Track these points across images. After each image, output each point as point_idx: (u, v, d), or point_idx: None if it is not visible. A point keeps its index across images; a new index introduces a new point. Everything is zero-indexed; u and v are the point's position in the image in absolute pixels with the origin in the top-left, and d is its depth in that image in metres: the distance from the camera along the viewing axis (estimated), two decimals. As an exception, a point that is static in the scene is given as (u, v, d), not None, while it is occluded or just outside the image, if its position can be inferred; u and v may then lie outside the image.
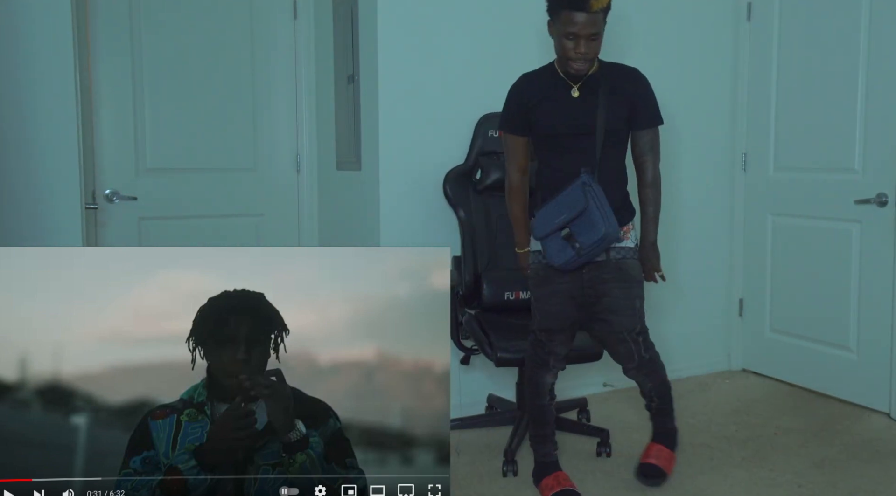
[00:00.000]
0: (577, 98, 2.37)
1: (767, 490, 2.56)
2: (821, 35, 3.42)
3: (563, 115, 2.37)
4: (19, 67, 2.88)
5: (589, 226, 2.27)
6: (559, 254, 2.33)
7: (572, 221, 2.30)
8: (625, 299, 2.41)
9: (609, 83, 2.37)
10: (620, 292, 2.41)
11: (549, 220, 2.34)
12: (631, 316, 2.43)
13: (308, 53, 3.64)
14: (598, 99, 2.34)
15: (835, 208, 3.39)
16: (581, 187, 2.29)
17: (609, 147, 2.38)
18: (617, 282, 2.41)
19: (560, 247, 2.33)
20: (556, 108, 2.37)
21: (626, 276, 2.42)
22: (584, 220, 2.28)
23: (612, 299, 2.40)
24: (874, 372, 3.26)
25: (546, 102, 2.38)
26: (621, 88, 2.39)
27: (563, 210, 2.31)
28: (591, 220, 2.27)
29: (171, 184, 3.48)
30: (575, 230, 2.30)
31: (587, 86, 2.38)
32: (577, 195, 2.29)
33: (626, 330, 2.43)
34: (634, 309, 2.43)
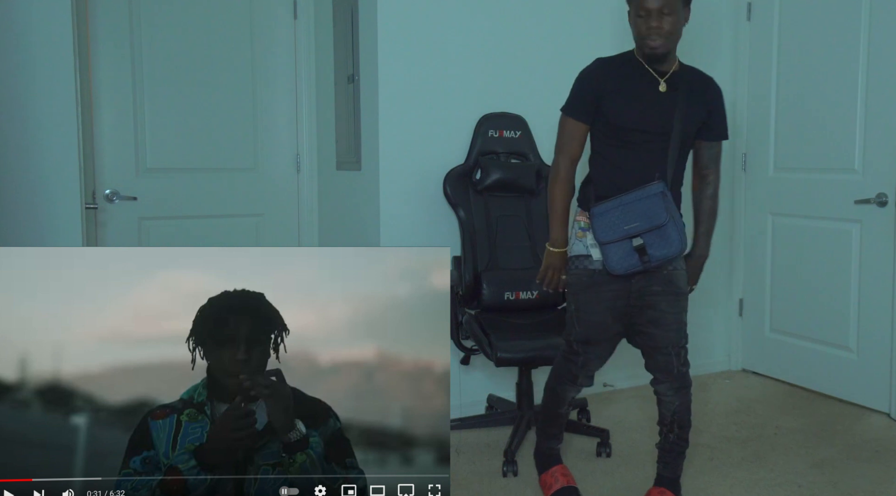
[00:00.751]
0: (663, 93, 2.22)
1: (767, 490, 2.56)
2: (821, 35, 3.42)
3: (644, 109, 2.21)
4: (19, 67, 2.88)
5: (664, 240, 2.16)
6: (622, 260, 2.19)
7: (646, 233, 2.17)
8: (672, 313, 2.28)
9: (689, 85, 2.25)
10: (668, 306, 2.27)
11: (617, 226, 2.19)
12: (677, 330, 2.30)
13: (308, 53, 3.64)
14: (679, 99, 2.21)
15: (835, 208, 3.39)
16: (661, 198, 2.16)
17: (682, 150, 2.26)
18: (666, 296, 2.27)
19: (626, 254, 2.19)
20: (636, 101, 2.22)
21: (675, 289, 2.29)
22: (661, 234, 2.16)
23: (659, 313, 2.27)
24: (874, 372, 3.26)
25: (625, 92, 2.23)
26: (700, 93, 2.27)
27: (635, 218, 2.17)
28: (668, 236, 2.16)
29: (171, 184, 3.48)
30: (648, 242, 2.17)
31: (670, 83, 2.24)
32: (655, 206, 2.16)
33: (672, 344, 2.29)
34: (681, 323, 2.31)
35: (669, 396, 2.35)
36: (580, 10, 3.38)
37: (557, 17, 3.31)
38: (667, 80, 2.23)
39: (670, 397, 2.35)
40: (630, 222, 2.17)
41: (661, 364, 2.31)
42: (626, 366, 3.01)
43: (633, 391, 2.76)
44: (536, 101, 3.21)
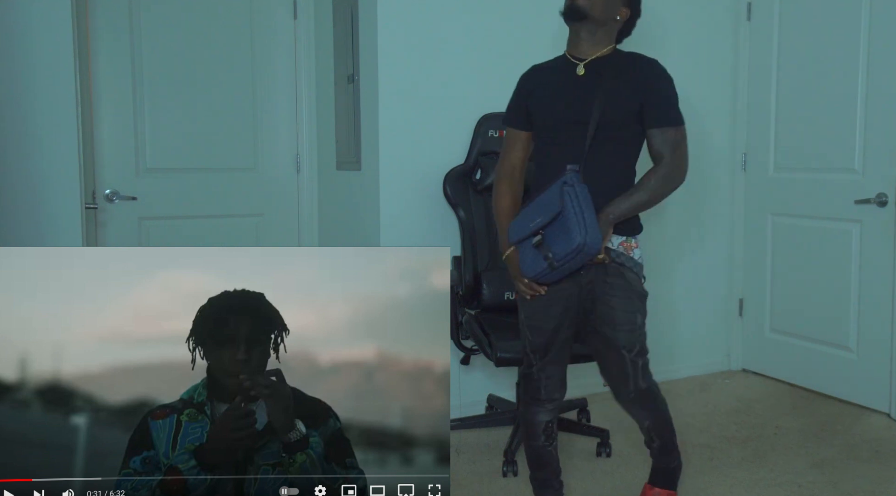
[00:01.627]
0: (581, 78, 2.05)
1: (767, 490, 2.56)
2: (821, 35, 3.42)
3: (560, 100, 2.08)
4: (19, 68, 2.88)
5: (563, 233, 1.93)
6: (532, 264, 2.01)
7: (546, 226, 1.96)
8: (624, 311, 2.09)
9: (617, 68, 2.06)
10: (621, 302, 2.08)
11: (524, 224, 2.03)
12: (630, 331, 2.10)
13: (308, 53, 3.64)
14: (603, 81, 2.03)
15: (835, 208, 3.39)
16: (559, 187, 1.95)
17: (603, 140, 2.03)
18: (619, 290, 2.08)
19: (533, 256, 2.00)
20: (554, 93, 2.09)
21: (625, 284, 2.09)
22: (559, 226, 1.94)
23: (611, 309, 2.08)
24: (874, 372, 3.26)
25: (546, 88, 2.12)
26: (630, 76, 2.06)
27: (539, 213, 1.99)
28: (566, 227, 1.92)
29: (171, 184, 3.48)
30: (548, 237, 1.96)
31: (593, 67, 2.07)
32: (553, 194, 1.96)
33: (624, 346, 2.10)
34: (634, 324, 2.11)
35: (636, 413, 2.21)
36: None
37: (558, 17, 3.31)
38: (588, 64, 2.07)
39: (637, 414, 2.21)
40: (533, 218, 2.00)
41: (616, 374, 2.14)
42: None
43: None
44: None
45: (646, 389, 2.16)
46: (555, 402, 2.21)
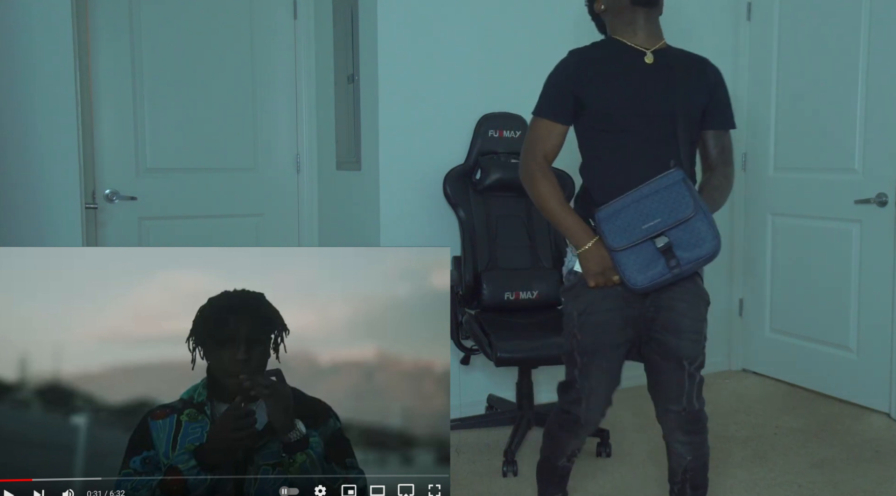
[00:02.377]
0: (651, 67, 1.85)
1: (767, 490, 2.56)
2: (821, 35, 3.42)
3: (634, 88, 1.84)
4: (19, 67, 2.88)
5: (694, 237, 1.74)
6: (644, 270, 1.76)
7: (671, 229, 1.74)
8: (691, 319, 1.86)
9: (682, 62, 1.89)
10: (687, 308, 1.86)
11: (633, 226, 1.76)
12: (695, 341, 1.87)
13: (308, 53, 3.64)
14: (676, 73, 1.84)
15: (835, 208, 3.39)
16: (684, 185, 1.75)
17: (687, 138, 1.86)
18: (686, 297, 1.86)
19: (647, 260, 1.76)
20: (622, 80, 1.85)
21: (695, 290, 1.88)
22: (688, 229, 1.74)
23: (677, 314, 1.85)
24: (874, 372, 3.26)
25: (608, 74, 1.86)
26: (697, 72, 1.90)
27: (655, 211, 1.75)
28: (698, 231, 1.73)
29: (171, 184, 3.48)
30: (675, 241, 1.74)
31: (661, 56, 1.88)
32: (679, 194, 1.74)
33: (686, 357, 1.86)
34: (701, 333, 1.88)
35: (679, 440, 1.92)
36: (581, 9, 3.37)
37: (558, 17, 3.31)
38: (654, 51, 1.89)
39: (682, 444, 1.93)
40: (649, 219, 1.75)
41: (671, 385, 1.89)
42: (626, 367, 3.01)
43: (632, 391, 2.74)
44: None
45: (698, 410, 1.91)
46: (594, 427, 2.00)
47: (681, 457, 1.94)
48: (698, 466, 1.95)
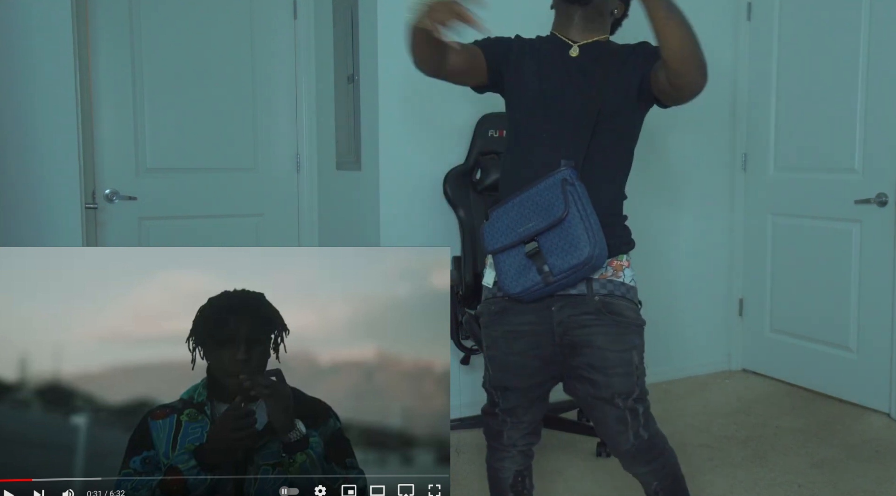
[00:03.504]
0: (575, 60, 1.76)
1: (767, 490, 2.56)
2: (821, 35, 3.43)
3: (548, 81, 1.76)
4: (19, 67, 2.89)
5: (567, 242, 1.62)
6: (517, 277, 1.68)
7: (543, 233, 1.64)
8: (616, 351, 1.71)
9: (615, 53, 1.78)
10: (609, 340, 1.71)
11: (510, 228, 1.69)
12: (625, 375, 1.72)
13: (308, 53, 3.64)
14: (600, 67, 1.74)
15: (835, 208, 3.39)
16: (560, 185, 1.64)
17: (603, 134, 1.73)
18: (604, 327, 1.71)
19: (520, 267, 1.67)
20: (540, 71, 1.78)
21: (617, 319, 1.72)
22: (561, 234, 1.62)
23: (597, 350, 1.71)
24: (874, 372, 3.26)
25: (529, 59, 1.80)
26: (627, 57, 1.77)
27: (531, 214, 1.66)
28: (571, 235, 1.61)
29: (171, 184, 3.48)
30: (545, 246, 1.64)
31: (589, 51, 1.78)
32: (553, 195, 1.64)
33: (619, 393, 1.72)
34: (630, 364, 1.72)
35: (640, 472, 1.81)
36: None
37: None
38: (583, 47, 1.79)
39: (643, 475, 1.81)
40: (524, 223, 1.66)
41: (611, 427, 1.75)
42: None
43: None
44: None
45: (648, 440, 1.77)
46: (518, 451, 1.85)
47: (647, 484, 1.84)
48: (668, 485, 1.84)
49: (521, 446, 1.85)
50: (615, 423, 1.74)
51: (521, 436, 1.84)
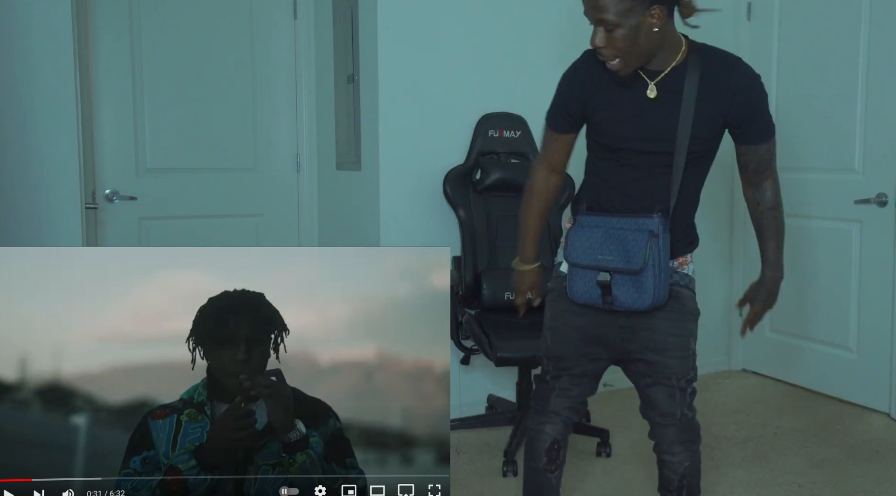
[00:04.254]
0: (654, 100, 1.76)
1: (767, 490, 2.56)
2: (821, 35, 3.42)
3: (633, 124, 1.77)
4: (19, 67, 2.88)
5: (636, 288, 1.76)
6: (584, 292, 1.81)
7: (618, 272, 1.77)
8: (676, 335, 1.84)
9: (698, 82, 1.75)
10: (670, 325, 1.84)
11: (591, 251, 1.80)
12: (683, 358, 1.85)
13: (308, 53, 3.64)
14: (681, 106, 1.74)
15: (835, 208, 3.39)
16: (648, 238, 1.75)
17: (689, 169, 1.81)
18: (666, 313, 1.83)
19: (589, 286, 1.80)
20: (622, 113, 1.78)
21: (678, 306, 1.86)
22: (633, 280, 1.76)
23: (658, 334, 1.83)
24: (874, 372, 3.26)
25: (609, 103, 1.79)
26: (716, 90, 1.76)
27: (613, 249, 1.77)
28: (642, 285, 1.76)
29: (171, 184, 3.48)
30: (616, 281, 1.77)
31: (667, 84, 1.76)
32: (638, 244, 1.75)
33: (675, 374, 1.85)
34: (688, 349, 1.87)
35: (676, 452, 1.90)
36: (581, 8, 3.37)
37: (558, 16, 3.31)
38: (661, 81, 1.76)
39: (677, 454, 1.90)
40: (606, 252, 1.78)
41: (661, 402, 1.86)
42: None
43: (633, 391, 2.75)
44: (536, 101, 3.20)
45: (692, 419, 1.90)
46: (560, 418, 1.94)
47: (678, 464, 1.91)
48: (695, 472, 1.94)
49: (564, 416, 1.93)
50: (667, 399, 1.86)
51: (565, 407, 1.93)
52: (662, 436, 1.89)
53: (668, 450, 1.90)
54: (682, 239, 1.90)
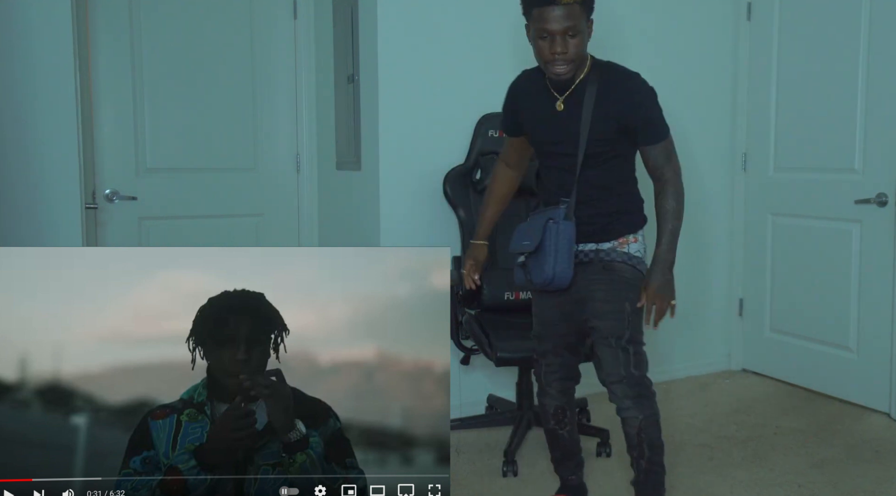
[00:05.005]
0: (562, 112, 2.10)
1: (767, 490, 2.56)
2: (821, 35, 3.42)
3: (546, 129, 2.15)
4: (19, 67, 2.88)
5: (539, 265, 2.12)
6: (517, 275, 2.22)
7: (531, 255, 2.15)
8: (610, 301, 2.12)
9: (597, 93, 2.07)
10: (605, 294, 2.13)
11: (519, 239, 2.20)
12: (617, 320, 2.11)
13: (308, 53, 3.64)
14: (581, 114, 2.07)
15: (835, 208, 3.39)
16: (544, 224, 2.12)
17: (594, 165, 2.11)
18: (603, 284, 2.14)
19: (517, 267, 2.20)
20: (539, 120, 2.17)
21: (613, 277, 2.14)
22: (538, 259, 2.12)
23: (596, 302, 2.14)
24: (874, 372, 3.26)
25: (530, 113, 2.19)
26: (611, 100, 2.07)
27: (529, 236, 2.16)
28: (542, 260, 2.11)
29: (171, 184, 3.48)
30: (528, 263, 2.16)
31: (574, 96, 2.09)
32: (537, 230, 2.13)
33: (612, 333, 2.11)
34: (622, 312, 2.11)
35: (628, 406, 2.10)
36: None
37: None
38: (570, 93, 2.09)
39: (630, 409, 2.11)
40: (525, 239, 2.17)
41: (606, 359, 2.11)
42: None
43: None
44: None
45: (639, 377, 2.11)
46: (555, 389, 2.30)
47: (633, 418, 2.12)
48: (651, 424, 2.13)
49: (558, 387, 2.30)
50: (611, 359, 2.12)
51: (557, 379, 2.29)
52: (614, 394, 2.13)
53: (621, 405, 2.13)
54: (614, 224, 2.17)
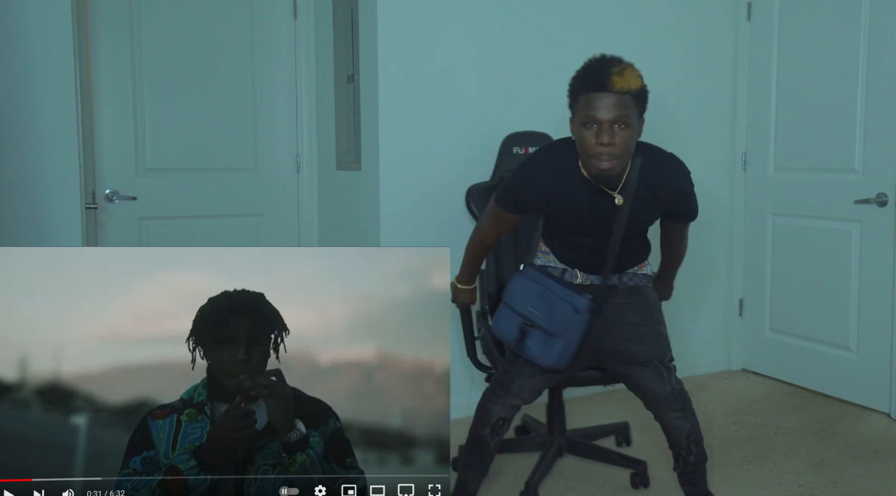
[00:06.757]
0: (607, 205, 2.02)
1: (767, 490, 2.56)
2: (821, 35, 3.42)
3: (580, 220, 2.06)
4: (19, 67, 2.88)
5: (545, 346, 2.04)
6: (506, 329, 2.11)
7: (537, 327, 2.05)
8: (646, 324, 2.11)
9: (637, 182, 1.99)
10: (639, 317, 2.11)
11: (524, 301, 2.08)
12: (657, 342, 2.12)
13: (308, 53, 3.64)
14: (624, 207, 2.00)
15: (835, 208, 3.39)
16: (573, 314, 2.01)
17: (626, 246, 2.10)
18: (634, 307, 2.11)
19: (510, 325, 2.10)
20: (573, 209, 2.04)
21: (644, 301, 2.13)
22: (545, 339, 2.04)
23: (630, 326, 2.09)
24: (874, 372, 3.26)
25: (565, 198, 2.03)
26: (655, 192, 2.03)
27: (541, 308, 2.05)
28: (552, 346, 2.03)
29: (171, 184, 3.48)
30: (531, 335, 2.06)
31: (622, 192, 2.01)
32: (563, 314, 2.02)
33: (654, 357, 2.11)
34: (660, 335, 2.14)
35: (675, 418, 2.18)
36: (574, 11, 3.37)
37: (558, 18, 3.31)
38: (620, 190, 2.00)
39: (678, 419, 2.19)
40: (535, 307, 2.06)
41: (650, 380, 2.12)
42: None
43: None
44: (536, 102, 3.21)
45: (681, 389, 2.19)
46: (515, 403, 2.20)
47: (680, 428, 2.20)
48: (696, 428, 2.23)
49: (516, 402, 2.20)
50: (654, 379, 2.12)
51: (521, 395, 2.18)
52: (661, 407, 2.17)
53: (668, 417, 2.19)
54: (634, 256, 2.16)
